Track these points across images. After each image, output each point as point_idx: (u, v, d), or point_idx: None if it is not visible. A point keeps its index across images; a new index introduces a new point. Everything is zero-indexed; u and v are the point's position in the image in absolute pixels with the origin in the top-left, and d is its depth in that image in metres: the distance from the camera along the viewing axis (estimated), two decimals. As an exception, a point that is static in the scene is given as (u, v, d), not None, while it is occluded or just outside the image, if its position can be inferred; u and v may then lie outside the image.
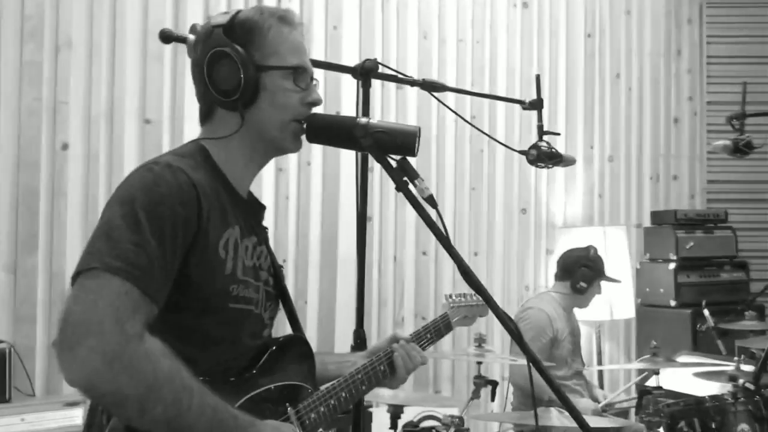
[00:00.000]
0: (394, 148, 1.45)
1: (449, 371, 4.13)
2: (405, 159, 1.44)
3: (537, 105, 2.66)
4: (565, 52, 4.66)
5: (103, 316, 1.11)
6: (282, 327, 1.57)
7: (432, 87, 2.44)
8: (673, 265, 4.31)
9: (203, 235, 1.29)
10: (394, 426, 2.77)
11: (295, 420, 1.44)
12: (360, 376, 1.61)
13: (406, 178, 1.43)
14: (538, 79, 2.71)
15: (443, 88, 2.46)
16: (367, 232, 2.27)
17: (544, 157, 2.59)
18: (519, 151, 2.69)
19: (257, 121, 1.42)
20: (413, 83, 2.38)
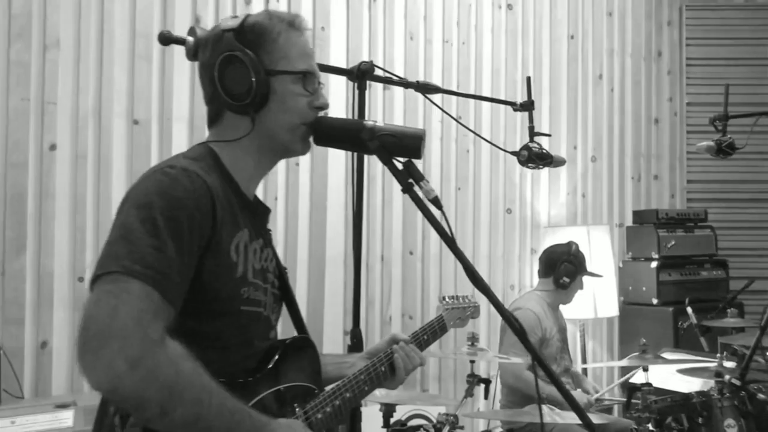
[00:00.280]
0: (400, 150, 1.47)
1: (436, 370, 4.16)
2: (410, 161, 1.47)
3: (528, 107, 2.70)
4: (549, 53, 4.72)
5: (126, 320, 1.12)
6: (281, 327, 1.58)
7: (426, 89, 2.47)
8: (655, 264, 4.39)
9: (217, 239, 1.30)
10: (386, 424, 2.79)
11: (303, 420, 1.46)
12: (363, 377, 1.64)
13: (411, 180, 1.46)
14: (528, 82, 2.75)
15: (437, 90, 2.49)
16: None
17: (535, 158, 2.64)
18: (510, 152, 2.72)
19: (267, 125, 1.43)
20: (408, 85, 2.41)
